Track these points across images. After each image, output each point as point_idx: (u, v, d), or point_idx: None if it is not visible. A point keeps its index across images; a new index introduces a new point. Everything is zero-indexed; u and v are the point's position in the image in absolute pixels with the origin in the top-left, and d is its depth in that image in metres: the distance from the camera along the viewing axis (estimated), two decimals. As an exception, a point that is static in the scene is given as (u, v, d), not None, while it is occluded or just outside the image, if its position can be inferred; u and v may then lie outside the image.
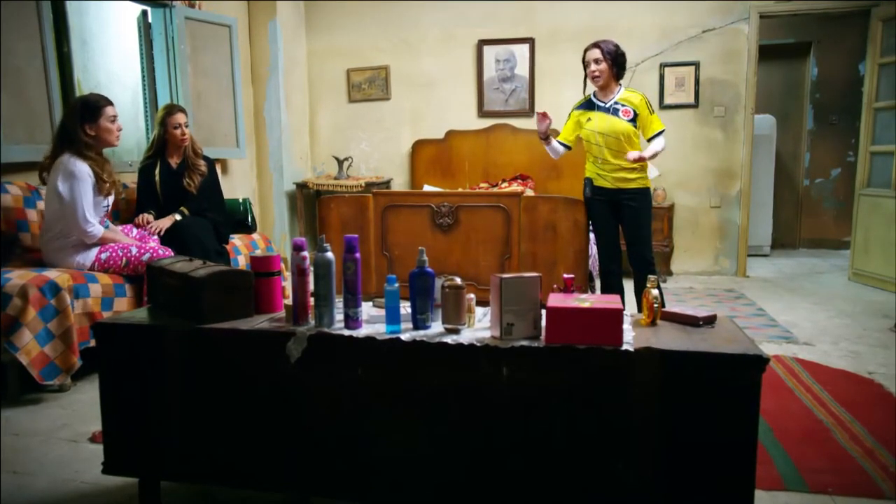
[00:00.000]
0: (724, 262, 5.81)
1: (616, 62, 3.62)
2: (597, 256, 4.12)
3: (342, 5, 6.20)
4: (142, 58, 4.94)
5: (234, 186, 5.64)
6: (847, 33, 6.83)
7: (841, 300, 4.85)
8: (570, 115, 3.85)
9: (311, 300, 1.81)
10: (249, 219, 4.71)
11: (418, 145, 6.15)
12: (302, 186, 5.99)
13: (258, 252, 4.56)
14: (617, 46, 3.60)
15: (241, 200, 4.74)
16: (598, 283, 4.15)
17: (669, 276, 5.74)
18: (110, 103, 3.21)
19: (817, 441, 2.52)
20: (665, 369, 1.53)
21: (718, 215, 5.76)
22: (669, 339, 1.64)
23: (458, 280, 1.71)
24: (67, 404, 2.91)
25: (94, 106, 3.14)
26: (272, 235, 6.04)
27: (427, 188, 5.97)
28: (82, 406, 2.86)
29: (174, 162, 3.96)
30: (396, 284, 1.73)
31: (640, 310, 3.87)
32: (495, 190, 5.13)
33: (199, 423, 1.84)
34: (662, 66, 5.65)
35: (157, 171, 3.93)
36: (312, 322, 1.80)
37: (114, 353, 1.87)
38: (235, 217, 4.61)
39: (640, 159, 3.50)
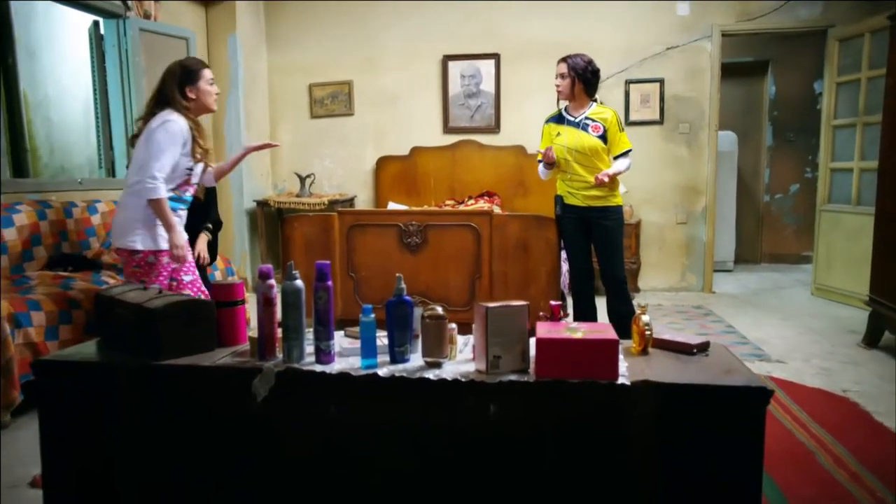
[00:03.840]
0: (691, 279, 5.82)
1: (583, 78, 3.56)
2: (567, 275, 4.06)
3: (304, 20, 6.07)
4: (93, 70, 4.71)
5: (192, 204, 5.42)
6: (802, 52, 6.98)
7: (807, 316, 4.88)
8: (542, 130, 3.78)
9: (279, 332, 1.66)
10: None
11: (382, 162, 6.03)
12: (263, 204, 5.81)
13: (217, 274, 4.37)
14: (588, 63, 3.55)
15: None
16: (569, 302, 4.07)
17: (637, 292, 5.70)
18: (207, 66, 3.02)
19: (802, 465, 2.46)
20: (664, 404, 1.43)
21: (684, 231, 5.77)
22: (665, 369, 1.55)
23: (440, 309, 1.59)
24: (6, 443, 2.68)
25: (193, 69, 2.94)
26: (232, 255, 5.83)
27: (392, 205, 5.85)
28: (23, 445, 2.63)
29: None
30: (372, 315, 1.60)
31: (618, 332, 3.81)
32: (464, 208, 5.04)
33: (156, 468, 1.67)
34: (628, 82, 5.66)
35: None
36: (280, 356, 1.65)
37: (57, 394, 1.69)
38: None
39: (603, 181, 3.44)
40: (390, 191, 5.98)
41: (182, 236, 2.84)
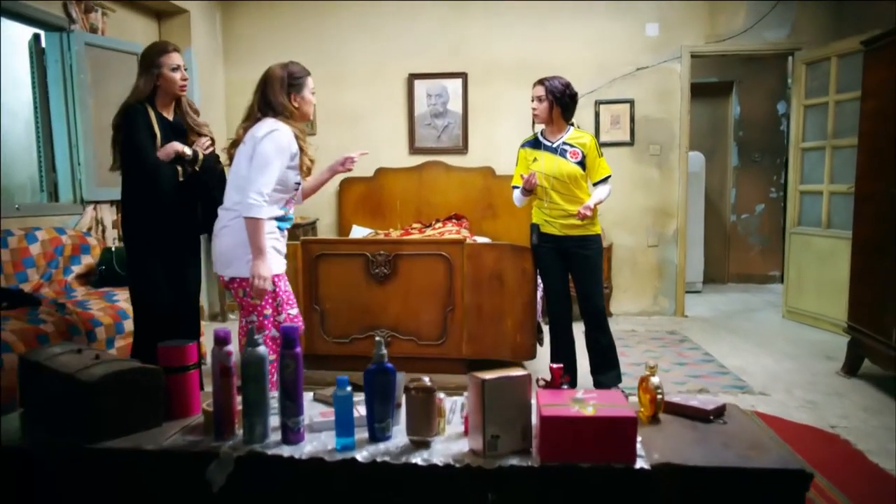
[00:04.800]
0: (663, 302, 5.72)
1: (560, 102, 3.41)
2: (541, 301, 3.89)
3: (264, 35, 5.82)
4: (34, 87, 4.37)
5: (143, 230, 5.09)
6: (766, 74, 7.03)
7: (782, 340, 4.80)
8: (518, 154, 3.60)
9: (239, 405, 1.43)
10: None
11: (346, 183, 5.79)
12: (219, 228, 5.50)
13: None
14: (566, 86, 3.40)
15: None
16: (545, 330, 3.89)
17: (609, 317, 5.57)
18: (309, 73, 2.75)
19: (803, 517, 2.31)
20: (689, 489, 1.24)
21: (656, 254, 5.68)
22: (683, 444, 1.37)
23: (427, 380, 1.37)
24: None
25: (300, 75, 2.69)
26: (186, 282, 5.50)
27: (356, 229, 5.62)
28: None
29: (167, 115, 2.97)
30: (348, 388, 1.37)
31: (594, 368, 3.65)
32: (435, 236, 4.83)
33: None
34: (597, 103, 5.55)
35: (153, 120, 2.85)
36: (240, 434, 1.42)
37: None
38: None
39: (586, 214, 3.30)
40: (354, 214, 5.75)
41: (268, 267, 2.54)
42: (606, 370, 3.60)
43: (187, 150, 2.89)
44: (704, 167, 6.77)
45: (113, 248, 4.17)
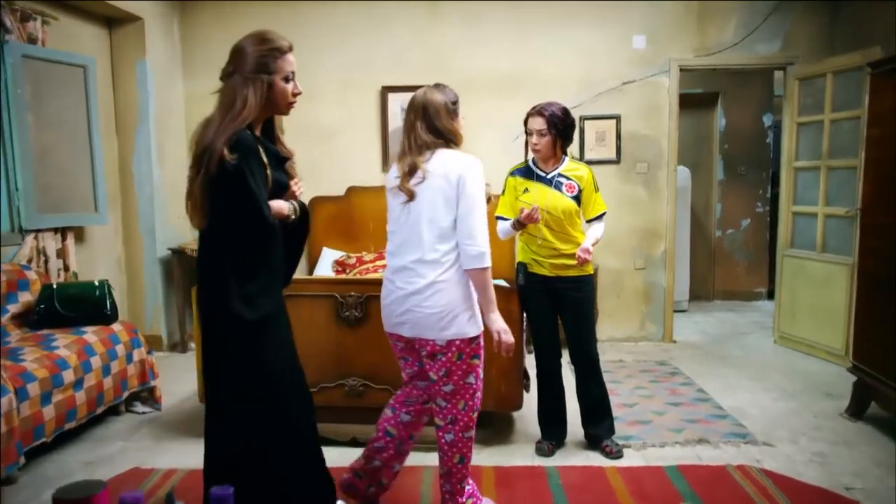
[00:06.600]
0: (651, 327, 5.46)
1: (563, 133, 3.10)
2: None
3: (226, 44, 5.31)
4: (-35, 104, 3.95)
5: (93, 260, 4.69)
6: (752, 85, 6.82)
7: (777, 373, 4.56)
8: (506, 183, 3.29)
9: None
10: (108, 305, 3.81)
11: (316, 203, 5.41)
12: (179, 252, 5.10)
13: (119, 347, 3.68)
14: (565, 113, 3.08)
15: (96, 284, 3.84)
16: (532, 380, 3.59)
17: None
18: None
19: None
20: None
21: (643, 277, 5.41)
22: None
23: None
24: None
25: (457, 100, 2.44)
26: (142, 311, 5.11)
27: (326, 252, 5.27)
28: None
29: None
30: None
31: (586, 419, 3.33)
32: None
33: None
34: (582, 119, 5.25)
35: (263, 157, 2.06)
36: None
37: None
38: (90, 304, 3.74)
39: (586, 259, 3.02)
40: (325, 236, 5.38)
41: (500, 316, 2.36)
42: (599, 421, 3.31)
43: (292, 213, 2.17)
44: (690, 182, 6.53)
45: (54, 285, 3.78)
